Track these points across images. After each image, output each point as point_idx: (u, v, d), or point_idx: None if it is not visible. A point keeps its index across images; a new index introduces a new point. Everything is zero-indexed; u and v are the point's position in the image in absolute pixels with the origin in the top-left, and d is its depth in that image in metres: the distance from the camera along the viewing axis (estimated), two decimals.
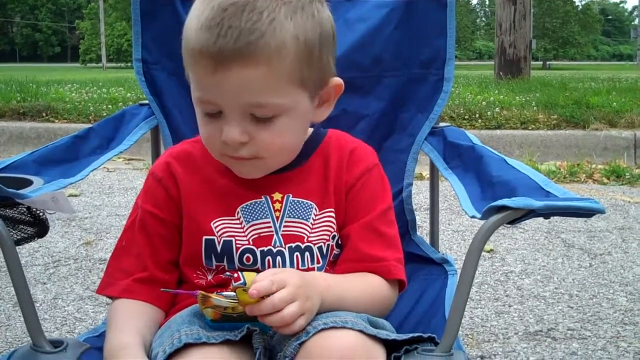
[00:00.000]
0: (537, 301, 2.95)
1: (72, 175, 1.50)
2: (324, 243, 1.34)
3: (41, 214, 1.56)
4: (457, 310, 1.15)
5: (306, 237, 1.33)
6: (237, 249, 1.30)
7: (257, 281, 1.10)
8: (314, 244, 1.33)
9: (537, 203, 1.08)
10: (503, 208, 1.10)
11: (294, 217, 1.33)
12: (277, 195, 1.34)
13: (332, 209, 1.36)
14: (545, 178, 1.27)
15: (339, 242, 1.37)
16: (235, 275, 1.11)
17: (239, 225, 1.32)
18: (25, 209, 1.51)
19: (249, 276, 1.11)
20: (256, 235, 1.31)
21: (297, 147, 1.34)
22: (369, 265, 1.32)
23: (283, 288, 1.11)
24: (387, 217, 1.39)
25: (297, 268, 1.30)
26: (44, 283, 3.15)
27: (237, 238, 1.31)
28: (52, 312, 2.84)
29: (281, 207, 1.33)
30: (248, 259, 1.30)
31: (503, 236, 3.92)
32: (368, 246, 1.33)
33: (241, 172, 1.31)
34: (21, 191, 1.28)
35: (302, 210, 1.34)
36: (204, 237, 1.32)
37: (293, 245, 1.32)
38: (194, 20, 1.19)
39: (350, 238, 1.34)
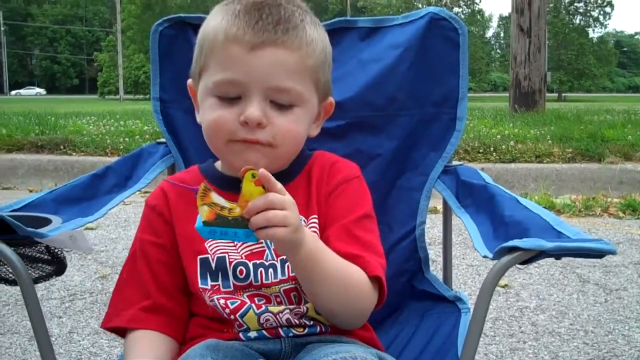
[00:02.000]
0: (552, 337, 2.93)
1: (90, 213, 1.53)
2: None
3: (59, 252, 1.58)
4: (469, 350, 1.16)
5: None
6: (230, 262, 1.33)
7: (269, 174, 1.12)
8: None
9: (547, 244, 1.08)
10: (514, 249, 1.11)
11: None
12: None
13: (316, 215, 1.38)
14: (557, 218, 1.27)
15: None
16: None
17: (232, 244, 1.34)
18: (43, 248, 1.53)
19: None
20: (248, 252, 1.34)
21: (300, 145, 1.40)
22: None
23: (287, 208, 1.13)
24: (363, 223, 1.38)
25: (288, 276, 1.32)
26: (60, 317, 3.17)
27: (230, 254, 1.33)
28: (67, 346, 2.85)
29: None
30: (241, 272, 1.32)
31: (518, 271, 3.91)
32: (344, 245, 1.32)
33: (247, 159, 1.29)
34: (40, 230, 1.30)
35: None
36: (199, 257, 1.34)
37: (284, 257, 1.33)
38: (227, 13, 1.30)
39: (329, 240, 1.34)
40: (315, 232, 1.36)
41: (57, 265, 1.60)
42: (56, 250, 1.57)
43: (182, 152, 1.83)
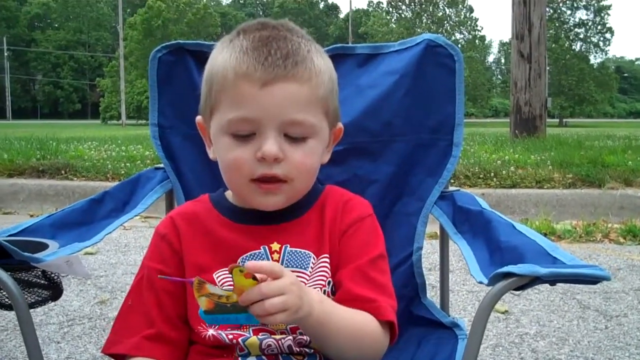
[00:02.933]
0: None
1: (88, 238, 1.53)
2: (321, 288, 1.36)
3: (56, 277, 1.58)
4: None
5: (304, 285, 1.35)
6: None
7: (258, 263, 1.15)
8: None
9: (542, 270, 1.09)
10: (509, 274, 1.12)
11: (293, 266, 1.36)
12: (275, 246, 1.38)
13: (327, 255, 1.39)
14: (552, 243, 1.28)
15: (334, 288, 1.39)
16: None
17: None
18: (40, 272, 1.54)
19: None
20: None
21: (315, 176, 1.41)
22: (360, 305, 1.33)
23: (277, 279, 1.13)
24: (378, 264, 1.41)
25: None
26: (58, 342, 3.16)
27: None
28: None
29: (279, 257, 1.37)
30: None
31: (518, 297, 3.89)
32: (359, 288, 1.34)
33: (266, 202, 1.34)
34: (36, 255, 1.31)
35: (300, 259, 1.37)
36: None
37: None
38: (234, 49, 1.30)
39: (342, 282, 1.36)
40: (325, 272, 1.37)
41: (54, 290, 1.60)
42: (52, 275, 1.57)
43: (180, 177, 1.84)
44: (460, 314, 3.52)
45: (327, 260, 1.38)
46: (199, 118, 1.44)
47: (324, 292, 1.36)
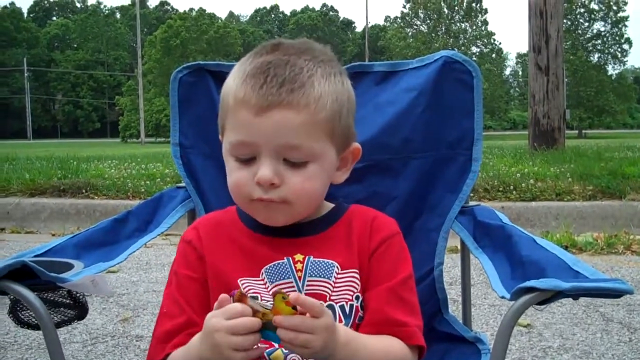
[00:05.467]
0: None
1: (112, 258, 1.55)
2: (347, 302, 1.37)
3: (81, 297, 1.60)
4: None
5: (328, 295, 1.37)
6: None
7: (303, 297, 1.17)
8: (336, 303, 1.37)
9: (564, 284, 1.09)
10: (532, 289, 1.12)
11: (316, 276, 1.38)
12: (298, 257, 1.39)
13: (357, 270, 1.40)
14: (573, 257, 1.28)
15: (362, 303, 1.40)
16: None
17: (263, 285, 1.37)
18: (65, 292, 1.56)
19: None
20: None
21: (320, 199, 1.43)
22: (393, 329, 1.35)
23: (316, 318, 1.16)
24: (408, 284, 1.43)
25: None
26: None
27: (262, 295, 1.35)
28: None
29: (302, 267, 1.38)
30: None
31: (541, 311, 3.87)
32: (393, 310, 1.36)
33: (268, 218, 1.37)
34: (62, 275, 1.33)
35: (324, 269, 1.38)
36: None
37: None
38: (238, 74, 1.35)
39: (375, 301, 1.38)
40: (353, 286, 1.38)
41: (79, 310, 1.62)
42: (78, 295, 1.59)
43: (201, 196, 1.86)
44: (483, 328, 3.51)
45: (357, 275, 1.39)
46: (220, 135, 1.47)
47: (351, 307, 1.37)
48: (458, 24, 69.14)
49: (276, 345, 1.32)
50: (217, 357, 1.19)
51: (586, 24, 65.74)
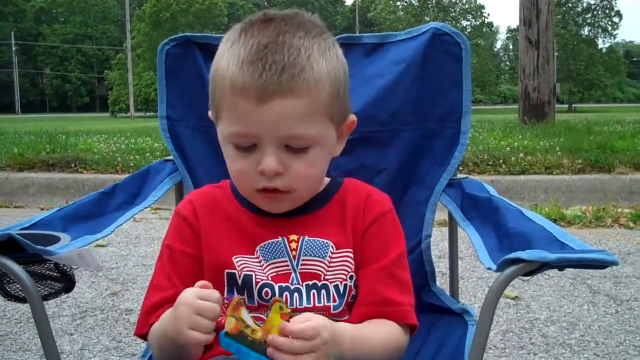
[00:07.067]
0: (562, 349, 2.92)
1: (99, 231, 1.55)
2: (341, 282, 1.37)
3: (68, 269, 1.60)
4: None
5: (323, 274, 1.36)
6: (257, 283, 1.33)
7: (298, 319, 1.15)
8: (331, 282, 1.36)
9: (550, 256, 1.09)
10: (518, 260, 1.12)
11: (310, 255, 1.37)
12: (293, 236, 1.38)
13: (351, 249, 1.39)
14: (560, 229, 1.28)
15: (356, 282, 1.39)
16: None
17: (258, 263, 1.36)
18: (52, 265, 1.55)
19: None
20: (274, 273, 1.35)
21: (322, 180, 1.41)
22: (386, 309, 1.35)
23: (313, 339, 1.15)
24: (401, 262, 1.42)
25: (314, 305, 1.34)
26: (71, 334, 3.18)
27: (256, 273, 1.35)
28: None
29: (297, 246, 1.37)
30: (267, 293, 1.33)
31: (528, 283, 3.90)
32: (386, 289, 1.36)
33: (273, 207, 1.36)
34: (49, 248, 1.32)
35: (318, 248, 1.38)
36: (226, 271, 1.35)
37: (310, 282, 1.35)
38: (232, 57, 1.27)
39: (368, 280, 1.37)
40: (347, 266, 1.38)
41: (66, 283, 1.61)
42: (65, 268, 1.58)
43: (189, 169, 1.85)
44: (471, 300, 3.53)
45: (351, 254, 1.39)
46: (210, 113, 1.44)
47: (345, 287, 1.37)
48: None
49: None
50: (175, 330, 1.19)
51: None
